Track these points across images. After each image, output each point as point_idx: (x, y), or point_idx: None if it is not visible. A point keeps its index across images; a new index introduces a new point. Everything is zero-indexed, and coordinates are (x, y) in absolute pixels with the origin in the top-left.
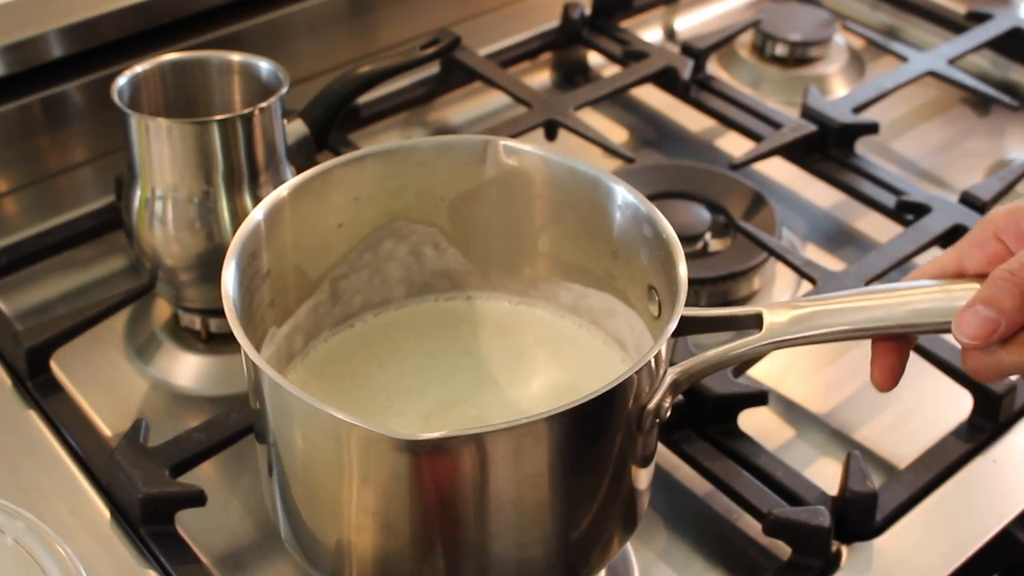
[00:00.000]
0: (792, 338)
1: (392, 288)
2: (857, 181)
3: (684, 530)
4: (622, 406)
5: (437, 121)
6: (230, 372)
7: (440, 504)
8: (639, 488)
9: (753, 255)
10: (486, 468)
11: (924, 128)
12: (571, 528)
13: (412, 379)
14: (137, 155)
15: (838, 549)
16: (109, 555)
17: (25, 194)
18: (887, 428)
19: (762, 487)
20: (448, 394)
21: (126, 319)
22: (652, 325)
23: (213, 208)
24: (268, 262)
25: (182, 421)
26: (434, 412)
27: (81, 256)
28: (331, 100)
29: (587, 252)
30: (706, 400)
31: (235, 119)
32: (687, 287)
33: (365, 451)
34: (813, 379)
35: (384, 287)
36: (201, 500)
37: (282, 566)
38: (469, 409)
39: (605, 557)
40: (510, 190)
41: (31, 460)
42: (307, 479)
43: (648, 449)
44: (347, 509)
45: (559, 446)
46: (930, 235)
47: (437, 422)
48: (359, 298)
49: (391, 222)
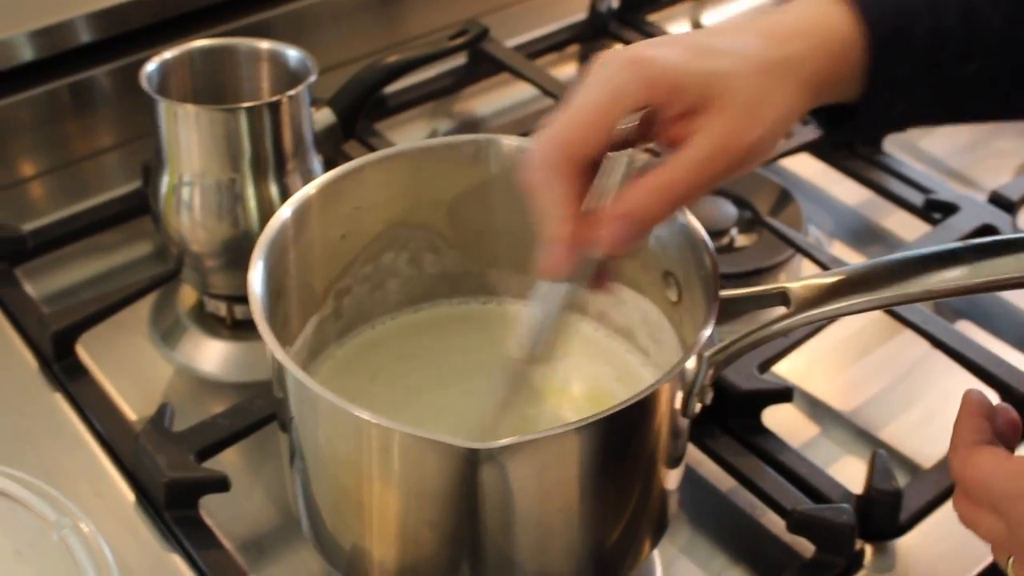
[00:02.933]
0: (822, 311)
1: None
2: (885, 179)
3: (707, 525)
4: (672, 394)
5: (463, 112)
6: (255, 358)
7: (480, 511)
8: (670, 489)
9: (779, 251)
10: (537, 474)
11: (953, 127)
12: (607, 533)
13: (431, 382)
14: (165, 141)
15: (861, 548)
16: (133, 538)
17: (52, 178)
18: (912, 427)
19: (786, 484)
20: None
21: (152, 304)
22: (669, 311)
23: (240, 195)
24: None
25: (206, 407)
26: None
27: (107, 241)
28: (359, 89)
29: None
30: (731, 396)
31: (263, 107)
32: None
33: (405, 456)
34: (838, 377)
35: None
36: (225, 486)
37: (305, 555)
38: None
39: (637, 560)
40: (510, 188)
41: (56, 442)
42: (329, 476)
43: (680, 449)
44: (369, 510)
45: (608, 446)
46: (958, 234)
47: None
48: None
49: (390, 229)
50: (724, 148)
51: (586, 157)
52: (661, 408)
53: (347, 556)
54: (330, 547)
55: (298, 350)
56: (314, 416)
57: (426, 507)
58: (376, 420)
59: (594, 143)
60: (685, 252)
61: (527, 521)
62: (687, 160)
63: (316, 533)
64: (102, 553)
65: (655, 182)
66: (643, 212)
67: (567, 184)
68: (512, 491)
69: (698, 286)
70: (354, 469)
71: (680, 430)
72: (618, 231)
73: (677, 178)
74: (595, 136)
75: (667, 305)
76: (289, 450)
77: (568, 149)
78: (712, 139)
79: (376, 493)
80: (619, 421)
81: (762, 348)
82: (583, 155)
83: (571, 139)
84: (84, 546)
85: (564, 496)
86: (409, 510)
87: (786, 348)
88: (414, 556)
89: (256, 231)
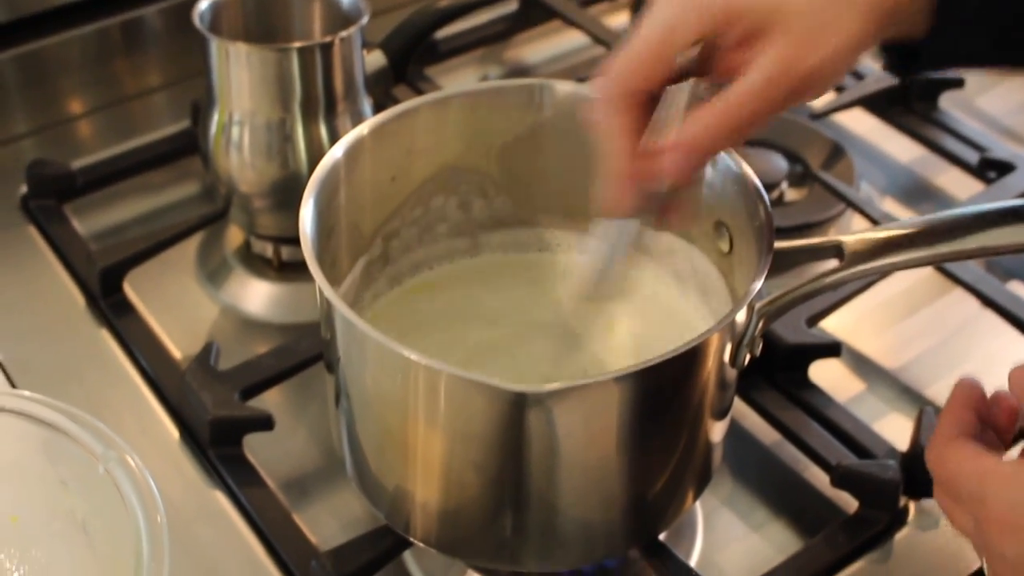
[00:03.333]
0: (876, 265)
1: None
2: (939, 136)
3: (749, 478)
4: (722, 345)
5: (514, 59)
6: (300, 300)
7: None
8: (715, 441)
9: (830, 206)
10: (585, 420)
11: (1010, 85)
12: (650, 483)
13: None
14: (216, 80)
15: (905, 504)
16: (177, 474)
17: (101, 116)
18: None
19: (831, 439)
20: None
21: (199, 244)
22: (720, 261)
23: (289, 136)
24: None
25: (250, 347)
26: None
27: (156, 180)
28: (411, 32)
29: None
30: (778, 349)
31: (315, 47)
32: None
33: (451, 398)
34: (886, 334)
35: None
36: (269, 424)
37: (347, 495)
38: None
39: (679, 511)
40: (562, 134)
41: (102, 378)
42: (375, 417)
43: (727, 401)
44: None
45: (655, 395)
46: (1013, 193)
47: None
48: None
49: (440, 173)
50: (785, 71)
51: (646, 91)
52: (710, 358)
53: (390, 497)
54: (373, 488)
55: (345, 292)
56: (361, 356)
57: (471, 450)
58: (424, 361)
59: (654, 76)
60: (738, 202)
61: (572, 467)
62: (747, 84)
63: (359, 474)
64: (148, 487)
65: (715, 109)
66: (703, 140)
67: (628, 119)
68: (558, 436)
69: (751, 237)
70: (400, 410)
71: (728, 382)
72: (679, 160)
73: (737, 104)
74: (655, 69)
75: (718, 255)
76: (335, 391)
77: (628, 84)
78: (773, 62)
79: (421, 434)
80: (668, 370)
81: (811, 303)
82: (643, 89)
83: (631, 73)
84: (130, 479)
85: (610, 443)
86: (454, 452)
87: (835, 303)
88: (457, 499)
89: (305, 172)
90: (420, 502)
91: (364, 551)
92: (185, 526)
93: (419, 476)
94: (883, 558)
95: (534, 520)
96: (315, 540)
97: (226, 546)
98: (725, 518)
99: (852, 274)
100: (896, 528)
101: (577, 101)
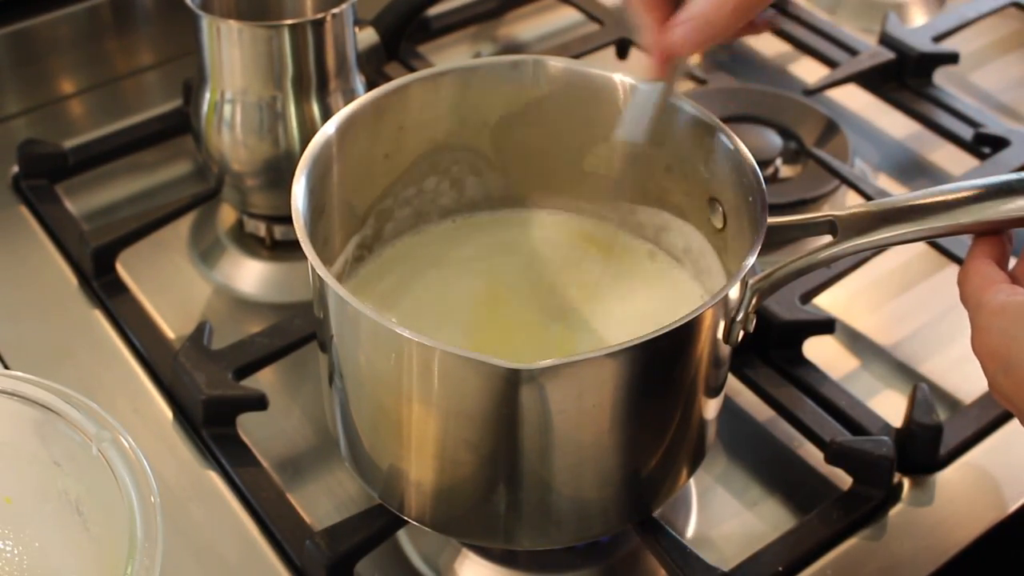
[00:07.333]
0: (870, 240)
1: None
2: (934, 112)
3: (743, 455)
4: (716, 321)
5: (506, 36)
6: (293, 279)
7: (519, 433)
8: (709, 418)
9: (824, 182)
10: (579, 397)
11: (1005, 60)
12: (644, 460)
13: (473, 303)
14: (207, 58)
15: (899, 481)
16: (171, 454)
17: (93, 96)
18: (953, 363)
19: (825, 415)
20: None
21: (191, 223)
22: (713, 237)
23: (282, 114)
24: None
25: (244, 326)
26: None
27: (147, 159)
28: (403, 9)
29: (637, 168)
30: (772, 326)
31: (306, 24)
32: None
33: (445, 376)
34: (880, 310)
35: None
36: (263, 404)
37: (341, 475)
38: (542, 332)
39: (673, 488)
40: (556, 110)
41: (95, 358)
42: (368, 396)
43: (721, 378)
44: (408, 430)
45: (649, 371)
46: (1008, 169)
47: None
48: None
49: (434, 150)
50: None
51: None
52: (704, 334)
53: (384, 476)
54: (367, 467)
55: (338, 270)
56: (354, 334)
57: (465, 427)
58: (417, 338)
59: None
60: (732, 178)
61: (566, 444)
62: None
63: (353, 453)
64: (142, 467)
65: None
66: (709, 15)
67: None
68: (552, 413)
69: (744, 213)
70: (393, 388)
71: (722, 358)
72: (686, 32)
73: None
74: None
75: (711, 231)
76: (328, 370)
77: None
78: None
79: (415, 413)
80: (661, 345)
81: (804, 279)
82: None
83: None
84: (124, 460)
85: (603, 420)
86: (448, 430)
87: (829, 280)
88: (451, 477)
89: (297, 150)
90: (414, 481)
91: (358, 530)
92: (179, 506)
93: (413, 454)
94: (877, 534)
95: (528, 498)
96: (309, 520)
97: (220, 526)
98: (719, 495)
99: (845, 249)
100: (890, 504)
101: (571, 78)
